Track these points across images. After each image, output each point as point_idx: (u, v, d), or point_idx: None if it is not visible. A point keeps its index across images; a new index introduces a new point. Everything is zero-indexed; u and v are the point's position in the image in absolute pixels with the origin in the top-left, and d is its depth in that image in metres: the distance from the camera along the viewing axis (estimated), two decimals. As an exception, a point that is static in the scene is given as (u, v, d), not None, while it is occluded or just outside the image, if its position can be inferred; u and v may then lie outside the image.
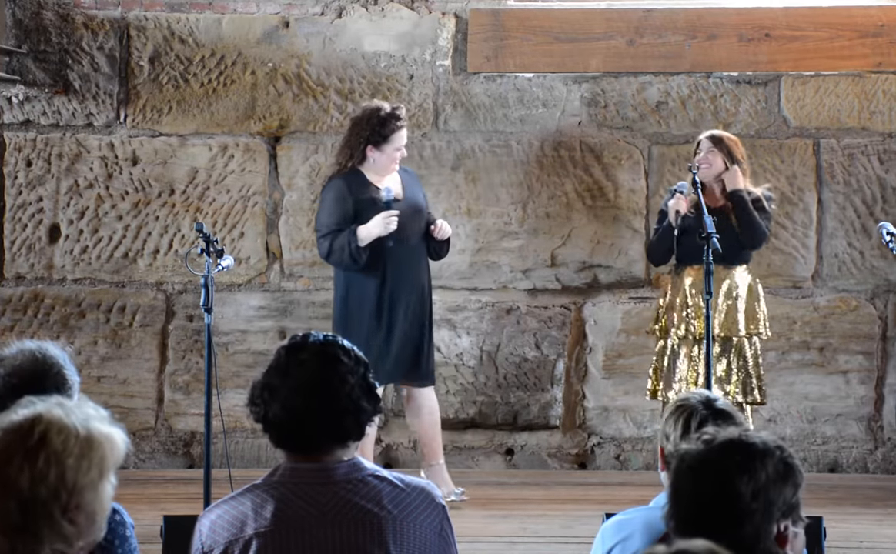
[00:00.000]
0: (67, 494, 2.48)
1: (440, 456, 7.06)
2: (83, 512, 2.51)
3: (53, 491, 2.47)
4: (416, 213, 6.90)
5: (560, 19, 8.00)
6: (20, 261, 8.10)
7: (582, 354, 8.10)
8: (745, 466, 2.62)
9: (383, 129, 6.77)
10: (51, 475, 2.46)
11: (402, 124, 6.82)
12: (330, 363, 3.23)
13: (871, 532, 6.48)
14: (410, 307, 6.85)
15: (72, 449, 2.49)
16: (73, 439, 2.50)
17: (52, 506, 2.47)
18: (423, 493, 3.28)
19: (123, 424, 2.72)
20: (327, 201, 6.87)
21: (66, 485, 2.48)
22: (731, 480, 2.60)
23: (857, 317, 8.00)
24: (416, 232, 6.89)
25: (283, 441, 3.26)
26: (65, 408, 2.53)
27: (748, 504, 2.60)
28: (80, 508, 2.50)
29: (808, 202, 8.01)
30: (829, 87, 8.01)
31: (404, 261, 6.84)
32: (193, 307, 8.02)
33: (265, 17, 8.12)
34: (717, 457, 2.63)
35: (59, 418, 2.51)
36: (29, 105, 8.11)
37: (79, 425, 2.51)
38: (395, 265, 6.81)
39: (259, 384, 3.26)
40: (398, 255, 6.80)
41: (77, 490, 2.49)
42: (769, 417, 7.98)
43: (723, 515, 2.59)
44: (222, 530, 3.21)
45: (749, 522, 2.60)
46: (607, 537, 3.64)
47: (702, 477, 2.63)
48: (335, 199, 6.82)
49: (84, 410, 2.57)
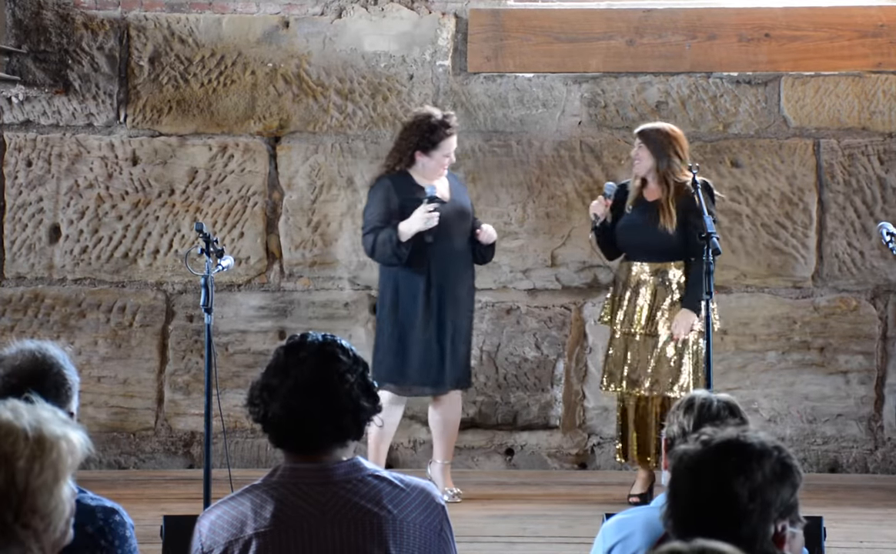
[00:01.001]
0: (19, 498, 2.42)
1: (450, 456, 7.13)
2: (38, 515, 2.45)
3: (3, 495, 2.42)
4: (462, 216, 7.02)
5: (560, 19, 8.00)
6: (20, 261, 8.10)
7: (582, 354, 8.10)
8: (742, 467, 2.62)
9: (433, 135, 6.89)
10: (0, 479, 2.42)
11: (452, 132, 6.94)
12: (329, 362, 3.23)
13: (871, 532, 6.48)
14: (452, 307, 6.94)
15: (21, 451, 2.43)
16: (22, 442, 2.44)
17: (3, 511, 2.42)
18: (423, 493, 3.28)
19: (123, 424, 2.71)
20: (373, 199, 6.99)
21: (16, 488, 2.42)
22: (728, 481, 2.60)
23: (857, 317, 8.00)
24: (461, 235, 7.01)
25: (283, 441, 3.26)
26: (16, 411, 2.48)
27: (745, 504, 2.60)
28: (34, 511, 2.44)
29: (808, 202, 8.01)
30: (829, 87, 8.01)
31: (449, 262, 6.95)
32: (193, 307, 8.02)
33: (265, 17, 8.12)
34: (714, 457, 2.63)
35: (7, 421, 2.45)
36: (29, 105, 8.11)
37: (29, 428, 2.45)
38: (440, 266, 6.93)
39: (258, 384, 3.27)
40: (443, 257, 6.92)
41: (30, 493, 2.43)
42: (769, 417, 7.98)
43: (720, 515, 2.59)
44: (222, 531, 3.21)
45: (746, 523, 2.60)
46: (608, 536, 3.65)
47: (699, 477, 2.63)
48: (381, 197, 6.94)
49: (37, 412, 2.50)
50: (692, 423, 3.63)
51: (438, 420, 7.10)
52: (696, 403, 3.69)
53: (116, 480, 7.58)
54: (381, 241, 6.85)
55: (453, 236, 6.96)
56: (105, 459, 7.98)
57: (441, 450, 7.10)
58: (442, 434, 7.10)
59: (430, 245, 6.87)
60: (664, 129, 7.03)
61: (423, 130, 6.91)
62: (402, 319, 6.92)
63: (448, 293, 6.94)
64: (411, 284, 6.92)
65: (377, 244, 6.87)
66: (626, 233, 7.00)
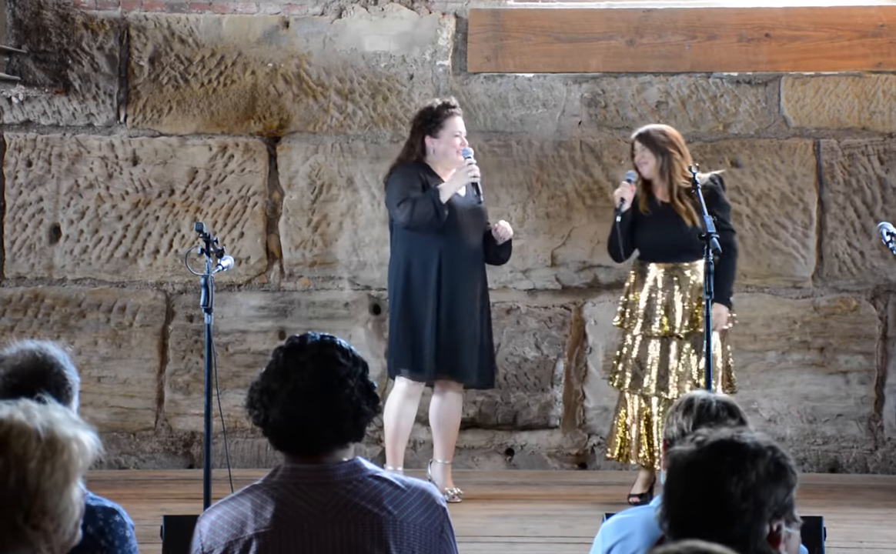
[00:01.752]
0: (30, 499, 2.42)
1: (450, 456, 7.13)
2: (48, 516, 2.44)
3: (14, 496, 2.41)
4: (475, 213, 7.03)
5: (560, 19, 8.00)
6: (20, 261, 8.10)
7: (582, 354, 8.10)
8: (736, 467, 2.62)
9: (436, 118, 6.98)
10: (11, 480, 2.41)
11: (454, 112, 7.02)
12: (328, 366, 3.23)
13: (871, 532, 6.48)
14: (461, 302, 6.95)
15: (33, 452, 2.43)
16: (34, 443, 2.43)
17: (13, 511, 2.41)
18: (424, 494, 3.28)
19: (123, 424, 2.73)
20: (396, 180, 6.98)
21: (27, 489, 2.42)
22: (721, 481, 2.61)
23: (857, 317, 8.00)
24: (474, 232, 7.02)
25: (283, 444, 3.26)
26: (28, 411, 2.47)
27: (738, 504, 2.60)
28: (45, 512, 2.44)
29: (808, 202, 8.01)
30: (829, 87, 8.01)
31: (460, 259, 6.95)
32: (193, 307, 8.02)
33: (265, 17, 8.12)
34: (708, 457, 2.64)
35: (20, 422, 2.44)
36: (29, 105, 8.11)
37: (41, 428, 2.45)
38: (451, 262, 6.93)
39: (258, 387, 3.26)
40: (454, 252, 6.93)
41: (40, 494, 2.43)
42: (769, 417, 7.98)
43: (713, 515, 2.59)
44: (222, 531, 3.21)
45: (739, 522, 2.60)
46: (607, 536, 3.65)
47: (692, 477, 2.63)
48: (406, 175, 6.95)
49: (49, 412, 2.49)
50: (691, 424, 3.63)
51: (438, 420, 7.11)
52: (696, 405, 3.69)
53: (116, 480, 7.58)
54: (422, 202, 6.84)
55: (465, 232, 6.96)
56: (105, 459, 7.97)
57: (441, 449, 7.11)
58: (442, 434, 7.11)
59: (442, 238, 6.86)
60: (661, 129, 7.06)
61: (427, 117, 7.00)
62: (414, 310, 6.93)
63: (459, 288, 6.95)
64: (423, 277, 6.93)
65: (417, 205, 6.84)
66: (645, 233, 6.97)
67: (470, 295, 7.00)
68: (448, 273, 6.94)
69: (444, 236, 6.89)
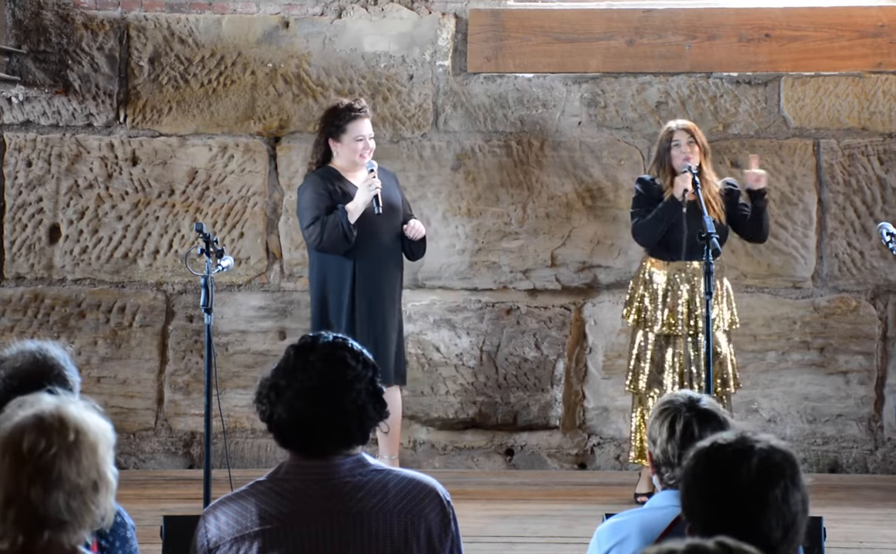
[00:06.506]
0: (100, 482, 2.71)
1: (395, 451, 7.13)
2: (105, 495, 2.73)
3: (93, 481, 2.70)
4: (391, 211, 6.97)
5: (560, 19, 8.00)
6: (20, 261, 8.10)
7: (582, 355, 8.10)
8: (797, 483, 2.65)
9: (339, 120, 6.93)
10: (92, 467, 2.69)
11: (359, 115, 6.93)
12: (337, 368, 3.24)
13: (871, 532, 6.48)
14: (379, 305, 6.91)
15: (99, 440, 2.70)
16: (93, 432, 2.71)
17: (90, 494, 2.70)
18: (428, 489, 3.29)
19: (123, 424, 2.85)
20: (304, 196, 7.00)
21: (100, 474, 2.71)
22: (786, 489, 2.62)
23: (857, 317, 8.00)
24: (389, 231, 6.98)
25: (287, 442, 3.27)
26: (75, 403, 2.73)
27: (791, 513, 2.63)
28: (106, 493, 2.73)
29: (808, 202, 8.02)
30: (829, 87, 8.01)
31: (375, 258, 6.93)
32: (193, 307, 8.02)
33: (265, 17, 8.12)
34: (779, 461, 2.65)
35: (79, 413, 2.71)
36: (29, 105, 8.11)
37: (89, 419, 2.72)
38: (366, 262, 6.90)
39: (267, 383, 3.28)
40: (370, 252, 6.90)
41: (102, 477, 2.72)
42: (769, 417, 7.98)
43: (759, 519, 2.60)
44: (227, 527, 3.21)
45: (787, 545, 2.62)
46: (603, 540, 3.59)
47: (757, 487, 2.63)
48: (312, 190, 6.94)
49: (79, 403, 2.76)
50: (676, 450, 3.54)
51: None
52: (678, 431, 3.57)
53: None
54: (330, 225, 6.81)
55: (380, 232, 6.93)
56: (105, 460, 7.98)
57: (387, 446, 7.08)
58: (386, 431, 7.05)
59: (355, 249, 6.82)
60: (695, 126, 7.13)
61: (330, 119, 6.98)
62: (330, 314, 6.90)
63: (375, 289, 6.92)
64: (339, 279, 6.90)
65: (326, 229, 6.82)
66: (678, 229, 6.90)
67: (389, 297, 6.98)
68: (364, 284, 6.90)
69: (357, 247, 6.85)
